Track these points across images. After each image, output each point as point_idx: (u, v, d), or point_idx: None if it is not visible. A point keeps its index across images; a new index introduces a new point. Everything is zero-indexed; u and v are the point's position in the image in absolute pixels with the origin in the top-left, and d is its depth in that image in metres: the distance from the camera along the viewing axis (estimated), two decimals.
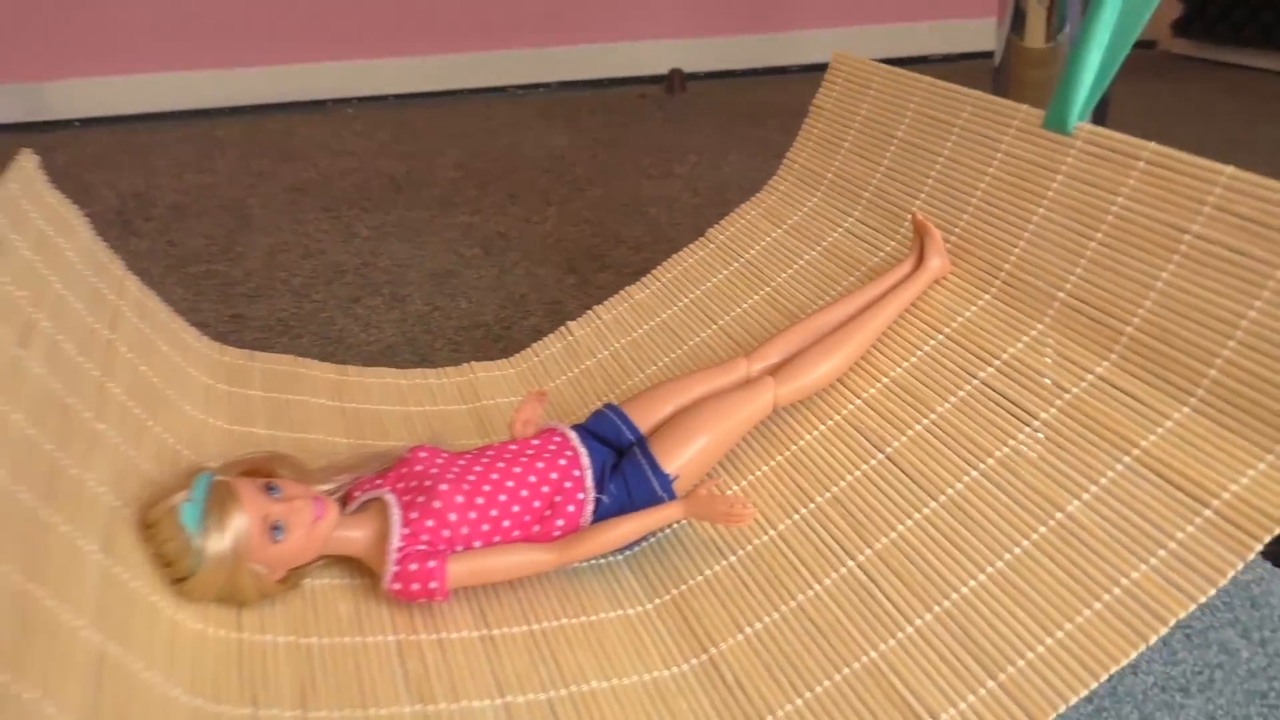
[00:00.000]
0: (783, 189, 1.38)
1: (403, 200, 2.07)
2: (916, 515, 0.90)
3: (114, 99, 2.63)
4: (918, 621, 0.83)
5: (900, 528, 0.90)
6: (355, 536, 0.90)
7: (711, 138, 2.44)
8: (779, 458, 1.03)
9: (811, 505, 0.97)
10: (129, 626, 0.74)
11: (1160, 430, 0.84)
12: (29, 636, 0.64)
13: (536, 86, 3.02)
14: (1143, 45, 3.39)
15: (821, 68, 1.38)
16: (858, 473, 0.97)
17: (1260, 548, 0.74)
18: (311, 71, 2.79)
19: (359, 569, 0.93)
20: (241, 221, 1.95)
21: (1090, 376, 0.91)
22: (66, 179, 1.09)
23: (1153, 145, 0.94)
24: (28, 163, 1.06)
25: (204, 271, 1.71)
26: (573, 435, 0.99)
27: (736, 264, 1.32)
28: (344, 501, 0.94)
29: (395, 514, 0.89)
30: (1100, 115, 1.37)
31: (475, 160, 2.31)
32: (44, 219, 1.02)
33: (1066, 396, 0.91)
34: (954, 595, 0.83)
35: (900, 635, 0.82)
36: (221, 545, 0.81)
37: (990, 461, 0.91)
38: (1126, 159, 0.96)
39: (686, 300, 1.31)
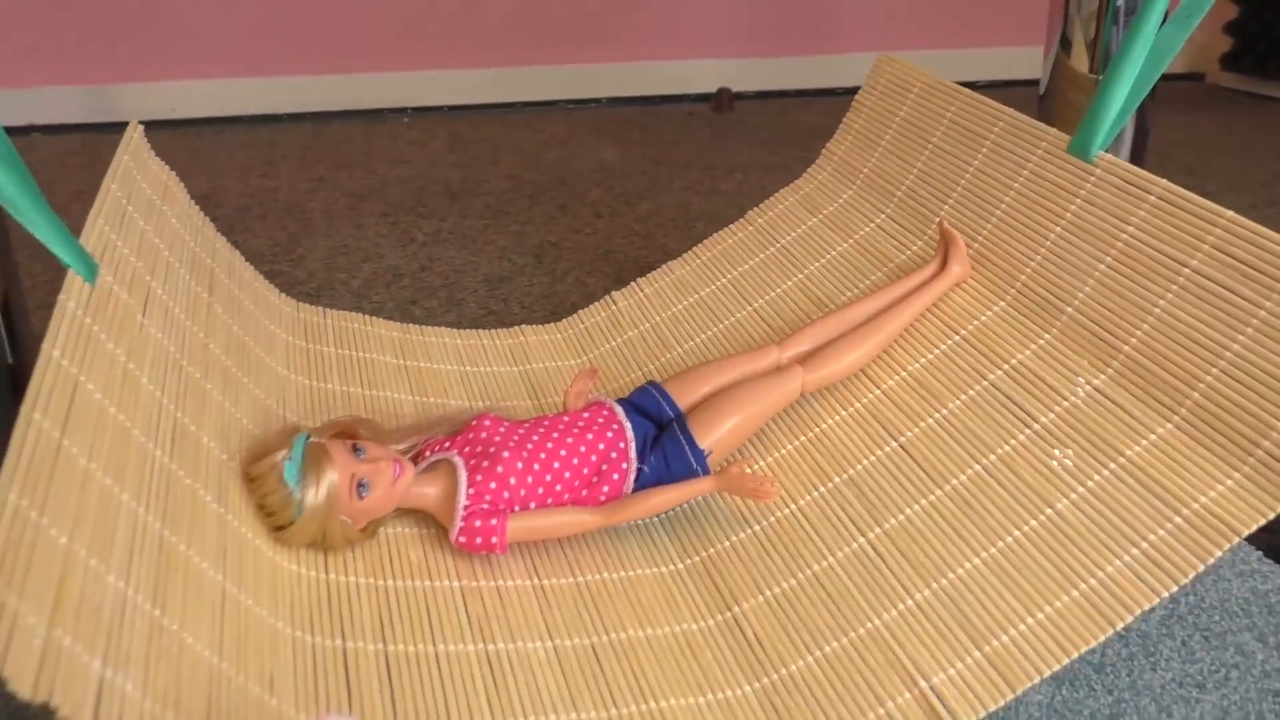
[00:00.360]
0: (820, 178, 1.47)
1: (457, 208, 2.14)
2: (923, 500, 1.02)
3: (180, 103, 2.70)
4: (918, 595, 0.94)
5: (908, 510, 1.02)
6: (427, 493, 1.02)
7: (757, 156, 2.49)
8: (803, 439, 1.14)
9: (830, 484, 1.08)
10: (242, 567, 0.86)
11: (1145, 442, 0.95)
12: (169, 576, 0.77)
13: (587, 102, 3.07)
14: (1190, 78, 3.38)
15: None
16: (873, 458, 1.08)
17: (1220, 554, 0.85)
18: (369, 81, 2.84)
19: (427, 519, 1.05)
20: (303, 225, 2.03)
21: (1088, 388, 1.02)
22: None
23: (1164, 182, 1.03)
24: (135, 133, 1.16)
25: (267, 271, 1.79)
26: (619, 410, 1.11)
27: (772, 249, 1.41)
28: (415, 459, 1.06)
29: (463, 475, 1.01)
30: (1140, 145, 1.46)
31: (527, 171, 2.37)
32: (150, 187, 1.13)
33: (1065, 404, 1.02)
34: (951, 575, 0.95)
35: (901, 606, 0.94)
36: (317, 499, 0.93)
37: (992, 458, 1.02)
38: (1140, 192, 1.05)
39: (724, 280, 1.41)
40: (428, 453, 1.06)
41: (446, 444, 1.06)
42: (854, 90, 1.47)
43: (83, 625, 0.64)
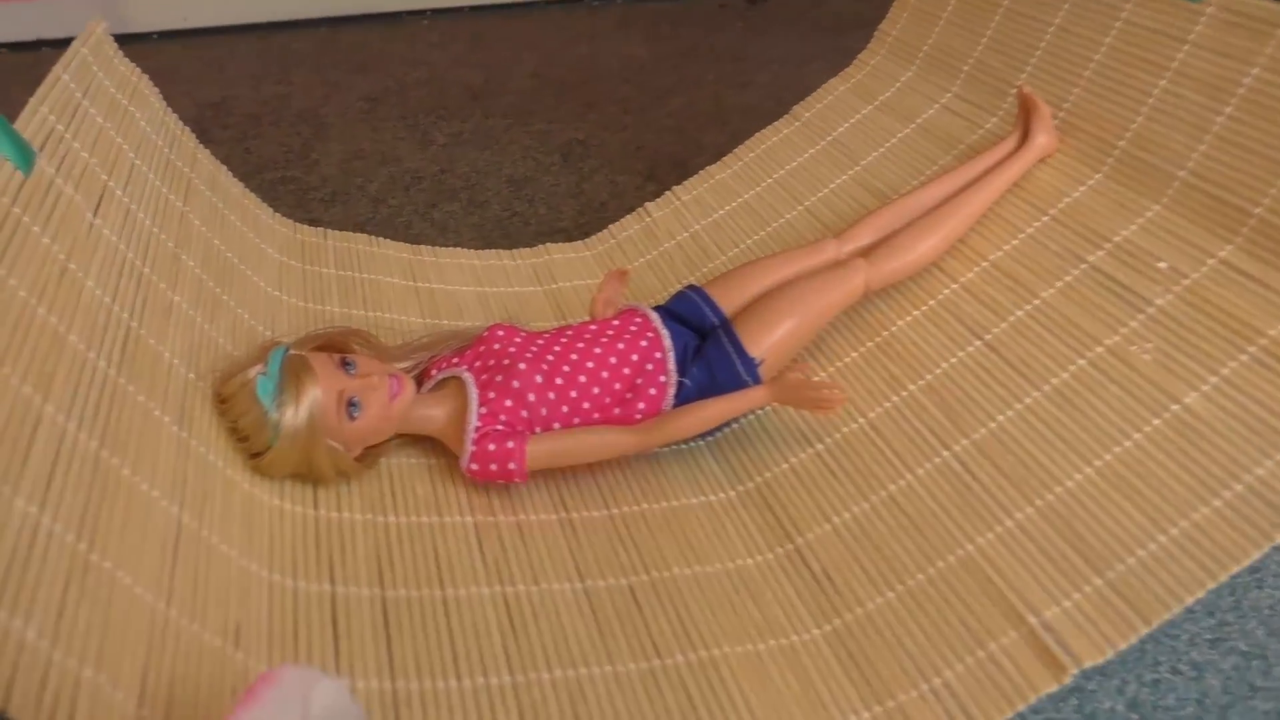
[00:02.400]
0: (874, 63, 1.30)
1: (479, 109, 2.04)
2: (1017, 405, 0.86)
3: (191, 12, 2.61)
4: (1018, 515, 0.79)
5: (1000, 418, 0.86)
6: (432, 415, 0.88)
7: (794, 47, 2.36)
8: (870, 344, 0.98)
9: (904, 393, 0.92)
10: (205, 500, 0.72)
11: None
12: (107, 504, 0.63)
13: None
14: None
15: None
16: (954, 360, 0.92)
17: None
18: None
19: (436, 449, 0.91)
20: (317, 130, 1.94)
21: (1212, 261, 0.85)
22: None
23: None
24: (97, 28, 1.02)
25: (280, 178, 1.71)
26: (654, 316, 0.95)
27: (823, 142, 1.25)
28: (420, 380, 0.92)
29: (473, 393, 0.87)
30: None
31: (552, 70, 2.26)
32: (115, 86, 0.99)
33: (1185, 282, 0.85)
34: (1058, 489, 0.79)
35: (999, 529, 0.78)
36: (297, 419, 0.79)
37: (1099, 350, 0.85)
38: (1265, 25, 0.88)
39: (770, 180, 1.25)
40: (434, 371, 0.92)
41: (455, 360, 0.92)
42: None
43: None
